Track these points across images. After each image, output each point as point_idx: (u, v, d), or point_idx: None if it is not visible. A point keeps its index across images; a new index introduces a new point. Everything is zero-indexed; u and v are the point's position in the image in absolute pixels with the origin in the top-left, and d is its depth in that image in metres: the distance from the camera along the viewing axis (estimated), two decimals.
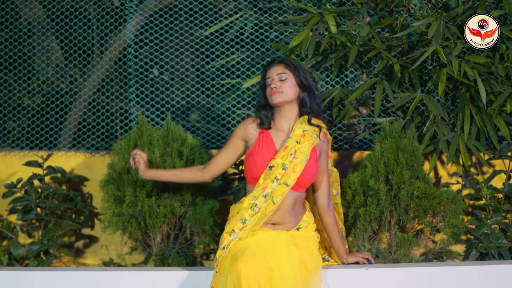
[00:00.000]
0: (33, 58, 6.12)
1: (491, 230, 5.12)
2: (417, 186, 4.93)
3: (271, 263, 4.07)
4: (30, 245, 5.21)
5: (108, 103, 5.95)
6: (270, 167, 4.34)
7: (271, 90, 4.39)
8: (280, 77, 4.40)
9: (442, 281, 4.58)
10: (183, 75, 5.89)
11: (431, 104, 5.17)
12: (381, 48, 5.24)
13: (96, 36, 6.06)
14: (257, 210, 4.28)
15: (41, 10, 6.10)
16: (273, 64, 4.47)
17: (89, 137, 5.86)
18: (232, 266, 4.04)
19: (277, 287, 4.03)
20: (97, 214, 5.54)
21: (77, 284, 4.65)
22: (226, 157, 4.52)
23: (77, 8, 6.05)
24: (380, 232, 5.00)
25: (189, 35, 5.84)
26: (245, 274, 3.97)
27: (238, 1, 5.86)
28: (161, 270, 4.70)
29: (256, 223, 4.29)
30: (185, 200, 5.02)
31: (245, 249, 4.11)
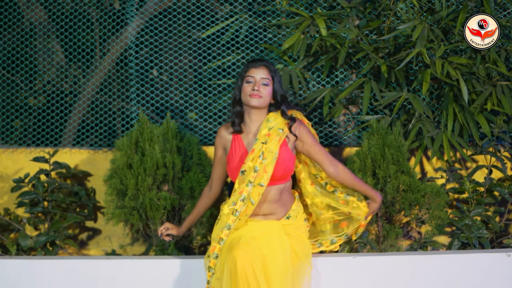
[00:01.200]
0: (38, 60, 6.34)
1: (473, 222, 5.33)
2: (403, 180, 5.16)
3: (264, 250, 4.30)
4: (37, 237, 5.46)
5: (110, 102, 6.18)
6: (242, 172, 4.49)
7: (252, 91, 4.52)
8: (262, 81, 4.54)
9: (427, 269, 4.82)
10: (182, 76, 6.09)
11: (416, 103, 5.40)
12: (369, 50, 5.46)
13: (98, 38, 6.28)
14: (238, 214, 4.46)
15: (42, 11, 6.30)
16: (258, 64, 4.58)
17: (92, 134, 6.09)
18: (229, 254, 4.28)
19: (270, 273, 4.27)
20: (100, 208, 5.80)
21: (82, 272, 4.91)
22: (220, 170, 4.74)
23: (78, 10, 6.22)
24: (368, 224, 5.21)
25: (187, 37, 6.05)
26: (240, 261, 4.21)
27: (233, 5, 6.06)
28: (161, 259, 4.95)
29: (239, 223, 4.50)
30: (183, 193, 5.27)
31: (240, 238, 4.35)
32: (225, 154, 4.68)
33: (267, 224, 4.52)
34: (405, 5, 5.58)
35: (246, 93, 4.55)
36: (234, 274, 4.23)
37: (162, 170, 5.21)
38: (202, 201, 4.80)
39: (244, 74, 4.59)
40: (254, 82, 4.56)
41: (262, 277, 4.25)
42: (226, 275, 4.30)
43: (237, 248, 4.26)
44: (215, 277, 4.44)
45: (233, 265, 4.23)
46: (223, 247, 4.41)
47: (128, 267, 4.92)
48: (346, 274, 4.79)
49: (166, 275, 4.88)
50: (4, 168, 5.85)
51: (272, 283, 4.27)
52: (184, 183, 5.26)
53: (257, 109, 4.58)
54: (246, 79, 4.57)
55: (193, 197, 5.28)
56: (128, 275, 4.91)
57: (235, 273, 4.22)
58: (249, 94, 4.54)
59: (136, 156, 5.25)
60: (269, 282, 4.26)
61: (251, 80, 4.56)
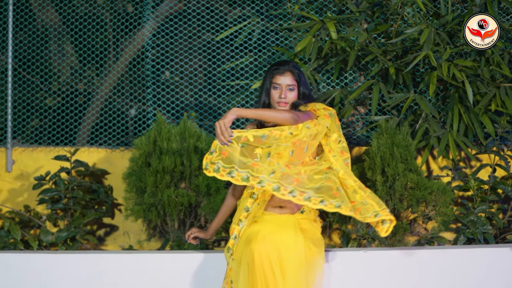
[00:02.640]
0: (54, 60, 6.54)
1: (478, 218, 5.54)
2: (411, 178, 5.34)
3: (279, 244, 4.47)
4: (58, 232, 5.67)
5: (127, 103, 6.39)
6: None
7: (280, 99, 4.72)
8: (288, 87, 4.74)
9: (434, 263, 4.98)
10: (196, 77, 6.31)
11: (423, 104, 5.60)
12: (377, 53, 5.66)
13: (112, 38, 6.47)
14: (256, 197, 4.66)
15: (57, 17, 6.52)
16: (283, 70, 4.76)
17: (108, 133, 6.29)
18: (246, 247, 4.47)
19: (285, 266, 4.45)
20: (117, 205, 6.00)
21: (106, 265, 5.10)
22: None
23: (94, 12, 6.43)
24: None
25: (201, 40, 6.26)
26: (258, 253, 4.40)
27: (246, 9, 6.26)
28: (178, 253, 5.14)
29: (257, 209, 4.68)
30: (200, 190, 5.48)
31: (257, 232, 4.53)
32: None
33: (283, 218, 4.71)
34: (412, 10, 5.77)
35: (274, 99, 4.75)
36: (251, 266, 4.42)
37: (180, 168, 5.41)
38: (228, 201, 4.97)
39: (271, 79, 4.77)
40: (280, 89, 4.75)
41: (278, 269, 4.43)
42: (244, 267, 4.49)
43: (255, 241, 4.45)
44: (232, 257, 4.63)
45: (251, 257, 4.42)
46: (242, 238, 4.61)
47: (149, 261, 5.09)
48: (357, 268, 4.96)
49: (184, 269, 5.05)
50: (24, 166, 6.06)
51: (287, 275, 4.45)
52: (200, 181, 5.46)
53: None
54: (273, 86, 4.76)
55: (209, 194, 5.48)
56: (148, 269, 5.07)
57: (253, 265, 4.41)
58: (276, 101, 4.74)
59: (154, 154, 5.45)
60: (284, 274, 4.44)
61: (277, 87, 4.76)
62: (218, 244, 5.83)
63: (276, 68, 4.80)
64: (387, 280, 4.96)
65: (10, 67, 6.15)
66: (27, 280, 5.10)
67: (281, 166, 4.55)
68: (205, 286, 4.98)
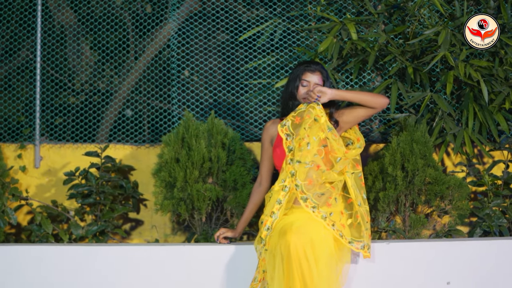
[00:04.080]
0: (76, 60, 6.72)
1: (493, 212, 5.77)
2: (429, 173, 5.54)
3: (312, 235, 4.67)
4: (88, 226, 5.85)
5: (149, 104, 6.57)
6: (289, 150, 4.90)
7: (306, 95, 4.97)
8: (315, 86, 4.98)
9: (452, 254, 5.18)
10: (220, 76, 6.50)
11: (441, 102, 5.79)
12: (396, 53, 5.87)
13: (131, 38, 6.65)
14: (288, 190, 4.86)
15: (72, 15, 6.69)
16: (313, 68, 5.02)
17: (136, 130, 6.47)
18: (282, 238, 4.64)
19: (318, 256, 4.65)
20: (142, 200, 6.18)
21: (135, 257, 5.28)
22: (268, 163, 5.15)
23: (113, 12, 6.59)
24: (397, 213, 5.62)
25: (224, 40, 6.45)
26: (294, 244, 4.58)
27: (268, 10, 6.45)
28: (208, 245, 5.29)
29: (287, 201, 4.87)
30: (227, 185, 5.67)
31: (291, 224, 4.71)
32: (271, 147, 5.09)
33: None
34: (428, 12, 5.97)
35: (300, 95, 5.00)
36: (287, 256, 4.59)
37: (208, 164, 5.60)
38: (254, 197, 5.18)
39: (301, 76, 5.02)
40: (308, 86, 5.00)
41: (313, 259, 4.61)
42: (278, 259, 4.65)
43: (290, 233, 4.62)
44: (265, 248, 4.81)
45: (287, 248, 4.59)
46: (275, 230, 4.77)
47: (179, 253, 5.27)
48: (381, 259, 5.13)
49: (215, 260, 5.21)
50: (51, 162, 6.23)
51: (320, 265, 4.64)
52: (228, 176, 5.64)
53: None
54: (301, 82, 5.00)
55: (236, 189, 5.66)
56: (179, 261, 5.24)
57: (289, 256, 4.58)
58: (303, 97, 4.99)
59: (183, 150, 5.63)
60: (317, 264, 4.63)
61: (305, 84, 5.00)
62: (241, 238, 6.00)
63: (308, 66, 5.04)
64: (410, 270, 5.15)
65: (39, 66, 6.32)
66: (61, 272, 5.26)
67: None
68: (236, 276, 5.15)
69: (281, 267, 4.65)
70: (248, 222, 5.23)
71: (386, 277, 5.15)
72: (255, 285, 4.88)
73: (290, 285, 4.61)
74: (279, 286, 4.64)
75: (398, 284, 5.15)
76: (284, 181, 4.88)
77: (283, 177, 4.89)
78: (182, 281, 5.21)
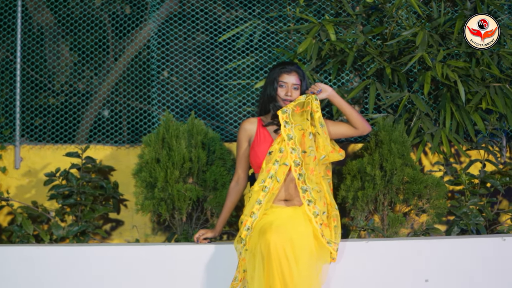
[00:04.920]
0: (54, 60, 6.71)
1: (470, 210, 5.83)
2: (407, 172, 5.58)
3: (292, 234, 4.70)
4: (69, 227, 5.86)
5: (132, 101, 6.58)
6: (270, 152, 4.96)
7: (285, 96, 5.02)
8: (294, 86, 5.04)
9: (430, 252, 5.23)
10: (199, 77, 6.52)
11: (419, 102, 5.85)
12: (374, 54, 5.92)
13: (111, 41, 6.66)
14: (267, 190, 4.91)
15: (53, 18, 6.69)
16: (289, 69, 5.06)
17: (116, 131, 6.47)
18: (262, 237, 4.67)
19: (298, 255, 4.68)
20: (123, 200, 6.20)
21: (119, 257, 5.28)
22: (245, 162, 5.16)
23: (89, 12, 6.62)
24: (376, 212, 5.66)
25: (204, 41, 6.47)
26: (273, 243, 4.61)
27: (248, 12, 6.49)
28: (188, 245, 5.31)
29: (267, 201, 4.92)
30: (207, 185, 5.70)
31: (271, 223, 4.74)
32: (248, 146, 5.12)
33: (292, 210, 4.94)
34: (405, 13, 6.03)
35: (280, 96, 5.05)
36: (267, 256, 4.62)
37: (188, 164, 5.62)
38: (231, 197, 5.18)
39: (278, 78, 5.06)
40: (286, 87, 5.05)
41: (293, 258, 4.64)
42: (258, 258, 4.69)
43: (270, 232, 4.66)
44: (245, 248, 4.85)
45: (267, 247, 4.62)
46: (255, 230, 4.82)
47: (159, 253, 5.29)
48: (360, 258, 5.19)
49: (195, 260, 5.23)
50: (32, 163, 6.23)
51: (300, 263, 4.67)
52: (208, 176, 5.67)
53: None
54: (279, 84, 5.05)
55: (216, 189, 5.68)
56: (159, 260, 5.25)
57: (269, 255, 4.61)
58: (283, 98, 5.04)
59: (163, 151, 5.65)
60: (298, 262, 4.66)
61: (283, 85, 5.05)
62: (220, 238, 6.03)
63: (284, 67, 5.08)
64: (389, 269, 5.19)
65: (19, 67, 6.32)
66: (42, 273, 5.26)
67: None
68: (217, 276, 5.18)
69: (261, 266, 4.68)
70: (226, 220, 5.25)
71: (365, 276, 5.19)
72: (236, 284, 4.91)
73: (271, 284, 4.64)
74: (260, 285, 4.67)
75: (376, 282, 5.19)
76: (264, 182, 4.92)
77: (263, 177, 4.94)
78: (163, 281, 5.22)
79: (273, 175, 4.92)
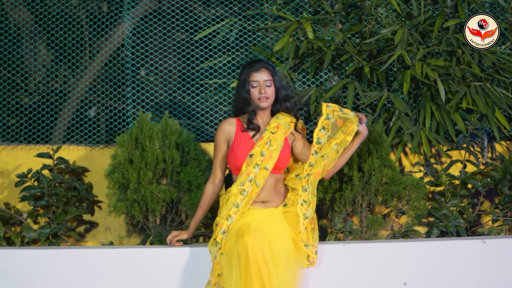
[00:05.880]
0: (29, 60, 6.61)
1: (450, 212, 5.74)
2: (386, 173, 5.50)
3: (270, 236, 4.62)
4: (41, 229, 5.74)
5: (107, 101, 6.48)
6: (250, 155, 4.86)
7: (260, 95, 4.88)
8: (266, 83, 4.90)
9: (408, 255, 5.15)
10: (175, 76, 6.42)
11: (398, 102, 5.77)
12: (353, 52, 5.83)
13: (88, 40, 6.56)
14: (246, 194, 4.82)
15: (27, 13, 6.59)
16: (257, 67, 4.92)
17: (90, 131, 6.37)
18: (239, 240, 4.59)
19: (276, 257, 4.60)
20: (97, 202, 6.08)
21: (90, 260, 5.18)
22: (223, 164, 5.03)
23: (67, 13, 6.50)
24: (354, 214, 5.57)
25: (179, 39, 6.37)
26: (251, 245, 4.53)
27: (224, 10, 6.39)
28: (162, 248, 5.20)
29: (245, 205, 4.84)
30: (181, 186, 5.59)
31: (248, 225, 4.67)
32: (227, 147, 5.01)
33: (269, 211, 4.87)
34: (385, 11, 5.94)
35: (254, 97, 4.91)
36: (245, 258, 4.54)
37: (162, 165, 5.52)
38: (207, 198, 5.05)
39: (248, 78, 4.93)
40: (259, 85, 4.91)
41: (271, 260, 4.57)
42: (236, 260, 4.61)
43: (248, 234, 4.58)
44: (221, 251, 4.75)
45: (244, 250, 4.55)
46: (231, 233, 4.73)
47: (132, 256, 5.18)
48: (337, 261, 5.10)
49: (168, 263, 5.14)
50: (4, 164, 6.11)
51: (278, 266, 4.60)
52: (182, 177, 5.57)
53: (265, 108, 4.96)
54: (251, 84, 4.92)
55: (190, 190, 5.59)
56: (132, 263, 5.16)
57: (247, 258, 4.54)
58: (257, 98, 4.90)
59: (136, 151, 5.54)
60: (276, 265, 4.59)
61: (256, 85, 4.91)
62: (197, 240, 5.93)
63: (252, 66, 4.95)
64: (367, 271, 5.11)
65: None
66: (13, 276, 5.16)
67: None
68: (191, 279, 5.09)
69: (238, 269, 4.60)
70: (200, 221, 5.12)
71: (343, 278, 5.11)
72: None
73: (248, 287, 4.56)
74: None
75: (354, 285, 5.10)
76: (243, 185, 4.84)
77: (242, 180, 4.85)
78: (136, 284, 5.13)
79: (253, 179, 4.84)
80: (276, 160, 4.88)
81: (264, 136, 4.90)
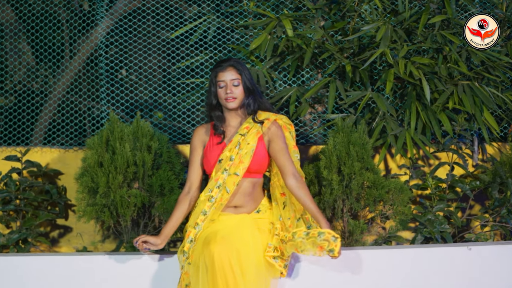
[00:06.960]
0: (8, 60, 6.45)
1: (435, 217, 5.51)
2: (367, 177, 5.29)
3: (238, 245, 4.45)
4: (10, 234, 5.56)
5: (81, 101, 6.30)
6: (219, 160, 4.70)
7: (226, 95, 4.72)
8: (233, 83, 4.73)
9: (391, 263, 4.99)
10: (151, 75, 6.23)
11: (380, 101, 5.55)
12: (334, 50, 5.61)
13: (68, 39, 6.39)
14: (214, 201, 4.65)
15: (10, 10, 6.42)
16: (224, 66, 4.76)
17: (63, 133, 6.20)
18: (206, 248, 4.42)
19: (244, 266, 4.43)
20: (71, 206, 5.89)
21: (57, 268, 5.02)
22: (199, 170, 4.85)
23: (48, 11, 6.35)
24: (334, 219, 5.37)
25: (156, 38, 6.18)
26: (218, 254, 4.36)
27: (202, 7, 6.20)
28: (132, 254, 5.05)
29: (214, 212, 4.66)
30: (153, 190, 5.39)
31: (216, 233, 4.50)
32: (202, 152, 4.84)
33: (240, 218, 4.69)
34: (369, 7, 5.74)
35: (221, 98, 4.75)
36: (211, 267, 4.38)
37: (133, 168, 5.32)
38: (181, 206, 4.82)
39: (215, 79, 4.78)
40: (225, 85, 4.74)
41: (238, 269, 4.41)
42: (203, 269, 4.44)
43: (214, 243, 4.41)
44: (188, 261, 4.58)
45: (211, 259, 4.38)
46: (198, 241, 4.56)
47: (102, 263, 5.03)
48: (314, 269, 4.94)
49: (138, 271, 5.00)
50: None
51: (247, 275, 4.44)
52: (154, 181, 5.36)
53: (235, 109, 4.77)
54: (218, 84, 4.76)
55: (163, 194, 5.39)
56: (102, 271, 5.02)
57: (213, 267, 4.37)
58: (224, 98, 4.74)
59: (107, 154, 5.35)
60: (244, 274, 4.43)
61: (222, 85, 4.75)
62: (174, 245, 5.75)
63: (218, 66, 4.81)
64: (345, 280, 4.95)
65: None
66: None
67: None
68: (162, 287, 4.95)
69: (205, 278, 4.45)
70: (173, 232, 4.86)
71: (321, 287, 4.95)
72: None
73: None
74: None
75: None
76: (211, 191, 4.68)
77: (211, 186, 4.69)
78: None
79: (221, 184, 4.67)
80: (248, 165, 4.68)
81: (234, 139, 4.73)
